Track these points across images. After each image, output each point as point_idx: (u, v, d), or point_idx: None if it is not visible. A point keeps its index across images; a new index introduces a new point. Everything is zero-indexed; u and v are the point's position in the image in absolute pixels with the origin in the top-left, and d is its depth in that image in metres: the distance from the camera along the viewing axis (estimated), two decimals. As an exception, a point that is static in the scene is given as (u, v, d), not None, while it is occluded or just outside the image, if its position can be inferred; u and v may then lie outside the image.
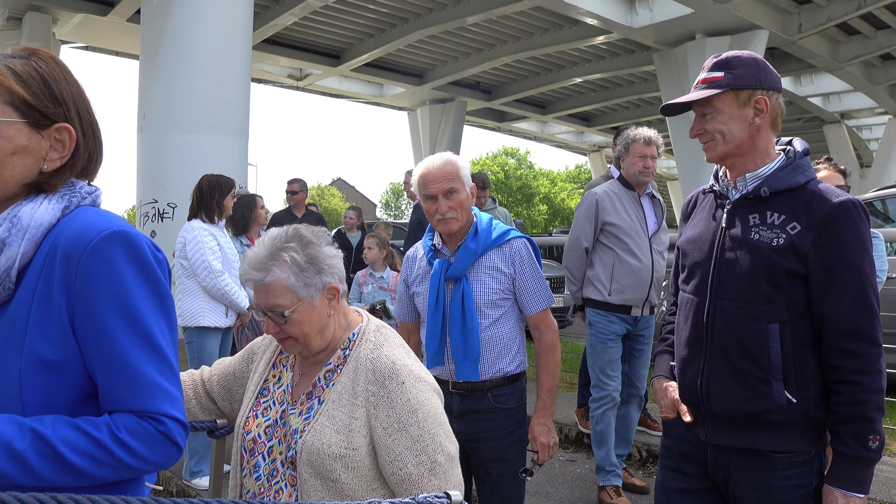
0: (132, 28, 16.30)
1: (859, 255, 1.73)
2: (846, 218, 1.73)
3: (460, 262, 2.51)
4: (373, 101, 25.72)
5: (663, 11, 15.64)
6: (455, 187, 2.48)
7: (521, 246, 2.57)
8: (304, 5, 15.73)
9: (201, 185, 4.55)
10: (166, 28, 9.25)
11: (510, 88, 23.80)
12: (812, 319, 1.78)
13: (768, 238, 1.79)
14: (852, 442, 1.71)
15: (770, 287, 1.78)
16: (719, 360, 1.85)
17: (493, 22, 17.45)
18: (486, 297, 2.52)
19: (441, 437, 1.64)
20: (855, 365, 1.72)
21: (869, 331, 1.73)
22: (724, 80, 1.84)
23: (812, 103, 23.04)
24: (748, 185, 1.87)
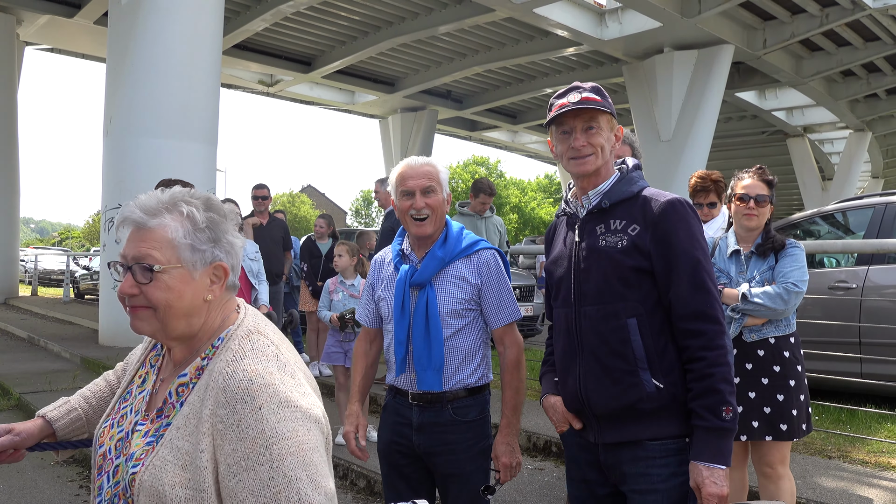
0: (99, 31, 16.07)
1: (690, 244, 1.92)
2: (674, 213, 1.94)
3: (426, 269, 2.44)
4: (344, 109, 25.65)
5: (632, 25, 15.88)
6: (433, 187, 2.44)
7: (489, 257, 2.50)
8: (275, 11, 15.66)
9: None
10: (134, 31, 9.14)
11: (481, 98, 23.92)
12: (664, 310, 1.94)
13: (613, 242, 1.97)
14: (707, 414, 1.84)
15: (621, 286, 1.95)
16: (591, 361, 2.00)
17: (464, 32, 17.55)
18: (450, 307, 2.44)
19: (303, 482, 1.25)
20: (700, 342, 1.88)
21: (707, 310, 1.89)
22: (604, 103, 2.02)
23: (776, 117, 23.54)
24: (592, 201, 2.06)
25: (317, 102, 24.98)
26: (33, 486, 4.69)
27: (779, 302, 2.99)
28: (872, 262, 5.62)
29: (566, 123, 2.03)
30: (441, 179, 2.48)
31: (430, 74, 21.13)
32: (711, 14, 14.48)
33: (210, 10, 9.42)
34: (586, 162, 2.02)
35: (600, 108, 2.00)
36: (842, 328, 5.33)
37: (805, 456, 4.42)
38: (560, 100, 2.06)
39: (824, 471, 4.20)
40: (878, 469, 4.21)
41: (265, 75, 21.96)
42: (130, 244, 1.40)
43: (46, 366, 8.59)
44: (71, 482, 4.77)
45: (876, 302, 5.47)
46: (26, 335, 11.27)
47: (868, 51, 17.41)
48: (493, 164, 52.84)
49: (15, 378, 7.66)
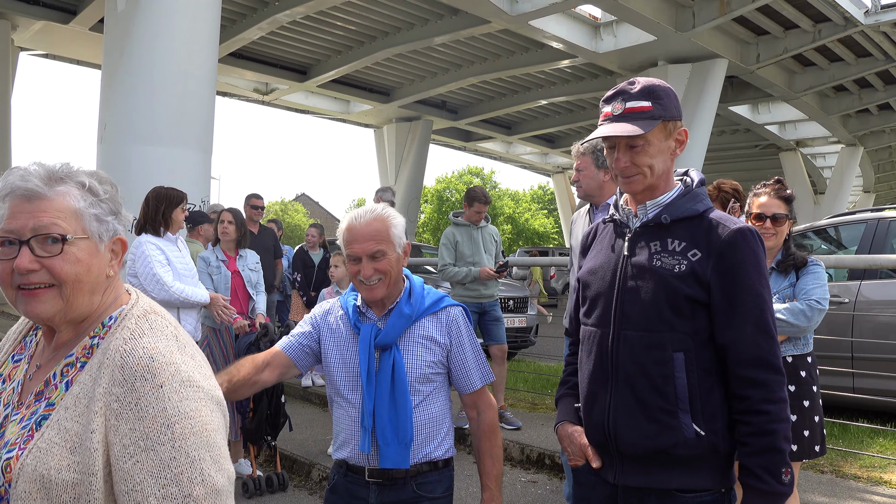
0: (94, 37, 16.05)
1: (758, 282, 1.71)
2: (745, 244, 1.71)
3: (392, 328, 2.16)
4: (339, 118, 25.67)
5: (627, 38, 15.98)
6: (382, 249, 2.11)
7: (458, 314, 2.26)
8: (271, 20, 15.69)
9: (148, 198, 4.50)
10: (130, 38, 9.13)
11: (476, 109, 23.99)
12: (715, 348, 1.73)
13: (670, 264, 1.74)
14: (765, 475, 1.64)
15: (673, 314, 1.72)
16: (625, 393, 1.77)
17: (460, 43, 17.62)
18: (419, 371, 2.16)
19: (207, 463, 1.19)
20: (761, 394, 1.67)
21: (772, 358, 1.69)
22: (656, 110, 1.75)
23: (769, 131, 23.69)
24: (649, 213, 1.82)
25: (312, 111, 25.01)
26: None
27: (802, 318, 2.94)
28: (865, 276, 5.65)
29: (609, 138, 1.79)
30: (393, 236, 2.14)
31: (425, 85, 21.19)
32: (705, 28, 14.59)
33: (206, 18, 9.43)
34: (633, 182, 1.79)
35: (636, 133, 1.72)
36: (834, 343, 5.34)
37: (798, 471, 4.42)
38: (605, 106, 1.81)
39: (817, 486, 4.20)
40: (871, 484, 4.22)
41: (260, 84, 21.98)
42: (23, 216, 1.23)
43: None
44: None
45: (868, 317, 5.50)
46: (16, 342, 11.17)
47: (860, 66, 17.57)
48: (488, 174, 52.92)
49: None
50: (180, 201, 4.53)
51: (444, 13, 16.09)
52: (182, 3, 9.16)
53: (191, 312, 4.48)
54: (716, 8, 14.13)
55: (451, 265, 5.79)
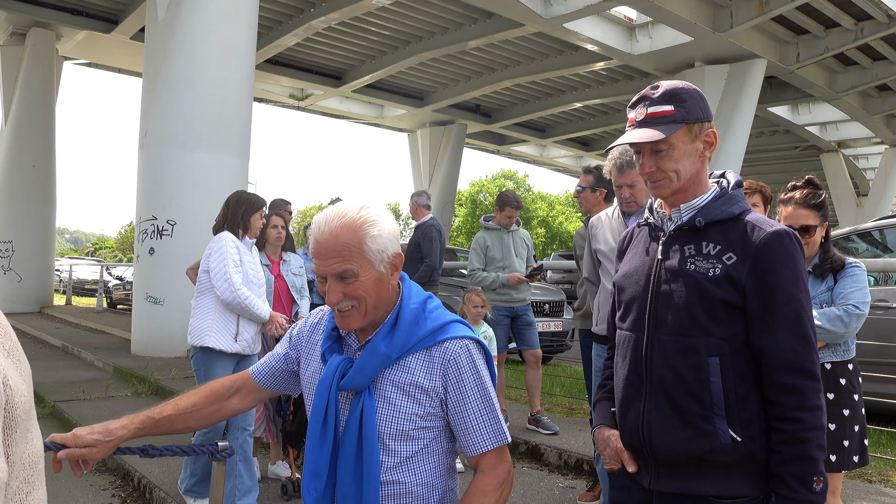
0: (135, 46, 16.42)
1: (794, 286, 1.68)
2: (781, 247, 1.68)
3: (362, 369, 1.67)
4: (373, 123, 25.85)
5: (663, 39, 15.82)
6: (352, 269, 1.63)
7: (458, 353, 1.69)
8: (307, 26, 15.87)
9: (229, 201, 4.41)
10: (170, 46, 9.31)
11: (510, 112, 23.95)
12: (751, 353, 1.70)
13: (704, 268, 1.72)
14: (796, 484, 1.60)
15: (708, 318, 1.70)
16: (660, 398, 1.75)
17: (494, 46, 17.61)
18: (394, 426, 1.67)
19: None
20: (796, 401, 1.63)
21: (808, 364, 1.65)
22: (678, 114, 1.74)
23: (809, 132, 23.22)
24: (683, 216, 1.80)
25: (346, 116, 25.21)
26: (66, 494, 4.75)
27: (839, 325, 2.83)
28: (912, 280, 5.49)
29: (634, 144, 1.78)
30: (369, 250, 1.64)
31: (459, 89, 21.23)
32: (744, 28, 14.37)
33: (243, 25, 9.58)
34: (660, 186, 1.78)
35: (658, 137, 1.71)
36: (882, 348, 5.21)
37: (844, 480, 4.31)
38: (630, 112, 1.80)
39: (864, 495, 4.09)
40: (920, 494, 4.09)
41: (296, 89, 22.24)
42: None
43: (80, 374, 8.72)
44: (104, 490, 4.82)
45: (916, 322, 5.34)
46: (60, 344, 11.46)
47: (904, 65, 17.14)
48: (522, 178, 52.79)
49: (49, 386, 7.78)
50: (260, 206, 4.45)
51: (478, 17, 16.11)
52: (220, 12, 9.32)
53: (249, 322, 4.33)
54: (754, 7, 13.91)
55: (481, 270, 5.78)
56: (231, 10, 9.38)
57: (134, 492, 4.76)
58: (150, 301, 9.48)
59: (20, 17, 16.39)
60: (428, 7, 15.66)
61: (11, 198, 17.39)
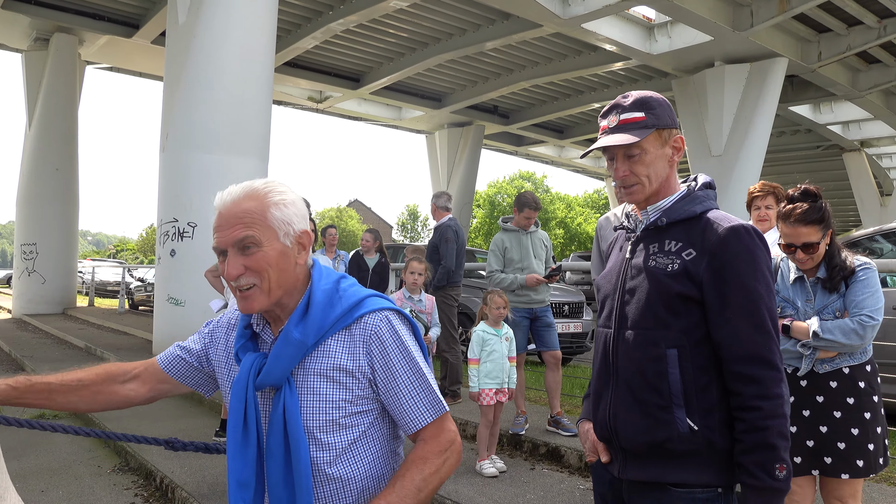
0: (156, 50, 16.60)
1: (752, 278, 1.72)
2: (737, 242, 1.73)
3: (277, 362, 1.54)
4: (391, 124, 25.93)
5: (682, 39, 15.72)
6: (253, 236, 1.53)
7: (380, 325, 1.58)
8: (325, 29, 15.95)
9: None
10: (191, 50, 9.40)
11: (528, 113, 23.91)
12: (712, 345, 1.75)
13: (663, 264, 1.79)
14: (759, 472, 1.65)
15: (666, 312, 1.76)
16: (623, 390, 1.83)
17: (511, 47, 17.60)
18: (322, 417, 1.55)
19: None
20: (754, 390, 1.68)
21: (766, 354, 1.69)
22: (649, 120, 1.82)
23: (832, 131, 22.95)
24: (650, 217, 1.88)
25: (364, 118, 25.30)
26: (90, 493, 4.80)
27: (854, 337, 2.76)
28: (938, 281, 5.41)
29: (608, 150, 1.87)
30: (273, 219, 1.55)
31: (476, 90, 21.23)
32: (764, 27, 14.24)
33: (263, 29, 9.65)
34: (633, 192, 1.86)
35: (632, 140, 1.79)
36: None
37: (870, 483, 4.25)
38: (602, 121, 1.89)
39: (891, 499, 4.03)
40: (947, 498, 4.03)
41: (314, 92, 22.35)
42: None
43: (102, 375, 8.81)
44: (126, 490, 4.87)
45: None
46: (84, 345, 11.60)
47: (929, 63, 16.89)
48: (540, 178, 52.70)
49: (73, 387, 7.86)
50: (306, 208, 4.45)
51: (496, 18, 16.10)
52: (240, 16, 9.39)
53: None
54: (775, 6, 13.78)
55: (499, 272, 5.78)
56: (251, 13, 9.45)
57: (156, 491, 4.81)
58: (171, 302, 9.57)
59: (43, 22, 16.62)
60: (445, 9, 15.68)
61: (36, 200, 17.63)
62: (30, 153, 17.76)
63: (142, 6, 16.14)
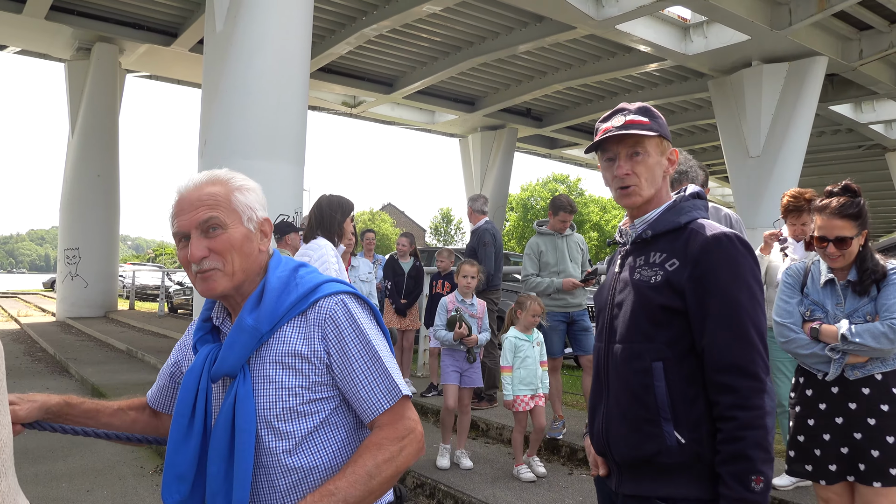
0: (194, 58, 16.90)
1: (734, 286, 1.69)
2: (719, 249, 1.71)
3: (231, 350, 1.51)
4: (424, 128, 25.99)
5: (718, 38, 15.51)
6: (217, 217, 1.52)
7: (335, 308, 1.54)
8: (359, 34, 16.07)
9: (321, 205, 4.12)
10: (228, 57, 9.54)
11: (561, 115, 23.80)
12: (698, 356, 1.73)
13: (647, 276, 1.79)
14: (734, 483, 1.61)
15: (649, 325, 1.75)
16: (614, 404, 1.83)
17: (544, 50, 17.54)
18: (279, 405, 1.50)
19: None
20: (731, 399, 1.65)
21: (746, 364, 1.65)
22: (652, 125, 1.83)
23: (873, 130, 22.43)
24: (637, 230, 1.88)
25: (398, 122, 25.43)
26: (133, 493, 4.90)
27: (884, 341, 2.70)
28: None
29: (610, 149, 1.87)
30: (237, 202, 1.56)
31: (509, 93, 21.20)
32: (803, 25, 13.98)
33: (298, 35, 9.75)
34: (630, 193, 1.84)
35: (646, 133, 1.80)
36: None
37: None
38: (604, 124, 1.90)
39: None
40: None
41: (348, 97, 22.53)
42: None
43: (144, 377, 8.98)
44: (168, 491, 4.96)
45: None
46: (125, 347, 11.84)
47: (976, 59, 16.42)
48: (574, 181, 52.39)
49: (115, 388, 8.04)
50: (351, 210, 4.20)
51: (529, 21, 16.07)
52: (276, 23, 9.51)
53: None
54: (814, 4, 13.52)
55: (535, 276, 5.76)
56: (287, 20, 9.56)
57: (197, 492, 4.88)
58: (209, 306, 9.71)
59: (85, 32, 17.03)
60: (478, 12, 15.69)
61: (78, 206, 18.06)
62: (72, 160, 18.20)
63: (180, 15, 16.44)
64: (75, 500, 4.80)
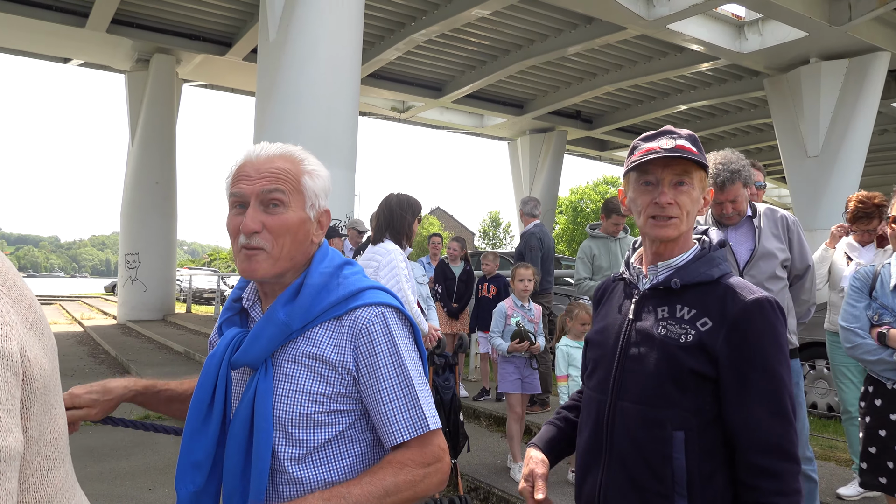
0: (247, 66, 17.27)
1: (776, 360, 1.55)
2: (762, 317, 1.56)
3: (256, 341, 1.43)
4: (473, 132, 26.03)
5: (774, 35, 15.15)
6: (282, 190, 1.45)
7: (373, 321, 1.45)
8: (408, 40, 16.20)
9: (390, 205, 3.96)
10: (281, 65, 9.73)
11: (611, 117, 23.55)
12: (721, 428, 1.58)
13: (676, 333, 1.60)
14: None
15: (675, 388, 1.58)
16: (618, 469, 1.64)
17: (594, 51, 17.39)
18: (296, 409, 1.41)
19: None
20: (774, 485, 1.50)
21: (787, 445, 1.52)
22: (699, 156, 1.64)
23: (940, 128, 21.60)
24: (659, 275, 1.70)
25: (446, 126, 25.51)
26: (193, 493, 5.02)
27: None
28: None
29: (652, 172, 1.66)
30: (305, 186, 1.48)
31: (559, 95, 21.07)
32: (863, 20, 13.55)
33: (349, 42, 9.89)
34: (669, 225, 1.65)
35: (697, 161, 1.63)
36: None
37: None
38: (648, 143, 1.69)
39: None
40: None
41: (397, 102, 22.71)
42: None
43: (201, 379, 9.20)
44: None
45: None
46: (183, 350, 12.15)
47: None
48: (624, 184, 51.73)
49: (174, 390, 8.24)
50: (419, 210, 4.06)
51: (578, 22, 15.96)
52: (328, 31, 9.66)
53: None
54: (875, -2, 13.11)
55: (587, 279, 5.71)
56: (338, 28, 9.71)
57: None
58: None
59: (145, 44, 17.56)
60: (527, 15, 15.64)
61: (138, 212, 18.62)
62: (132, 168, 18.77)
63: (234, 25, 16.83)
64: (138, 497, 4.95)
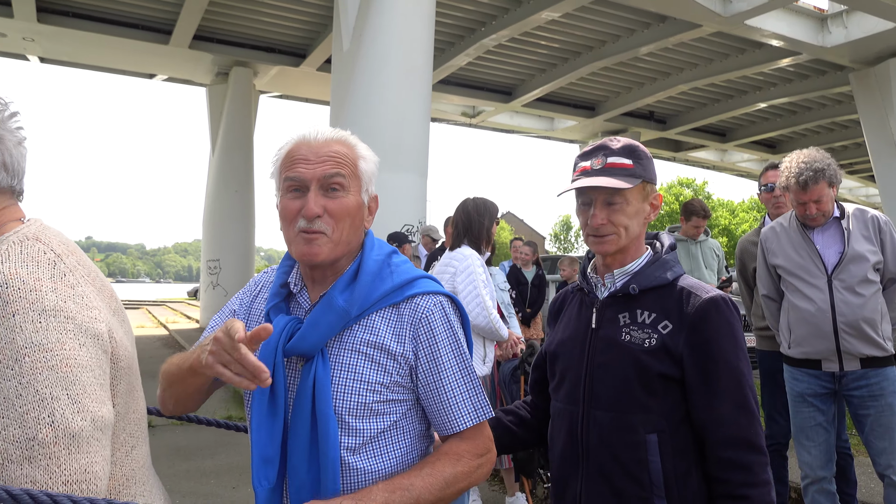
0: (320, 76, 17.67)
1: (734, 355, 1.60)
2: (717, 314, 1.61)
3: (315, 327, 1.39)
4: (543, 135, 25.89)
5: (860, 28, 14.50)
6: (342, 175, 1.42)
7: (433, 309, 1.45)
8: (478, 45, 16.25)
9: (467, 209, 3.89)
10: (354, 74, 9.92)
11: (686, 117, 23.00)
12: (691, 427, 1.62)
13: (640, 339, 1.64)
14: None
15: (645, 393, 1.62)
16: (597, 480, 1.66)
17: (668, 50, 17.03)
18: (355, 399, 1.39)
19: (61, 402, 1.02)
20: (742, 477, 1.55)
21: (753, 437, 1.57)
22: (636, 169, 1.68)
23: None
24: (617, 283, 1.73)
25: (517, 130, 25.45)
26: (274, 492, 5.16)
27: None
28: None
29: (586, 193, 1.71)
30: (362, 171, 1.47)
31: (631, 96, 20.73)
32: (959, 8, 12.83)
33: (421, 50, 10.00)
34: (605, 242, 1.69)
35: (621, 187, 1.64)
36: None
37: None
38: (583, 161, 1.73)
39: None
40: None
41: (468, 107, 22.80)
42: None
43: (279, 382, 9.44)
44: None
45: None
46: (261, 353, 12.49)
47: None
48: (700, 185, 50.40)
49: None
50: (497, 213, 3.99)
51: (651, 21, 15.67)
52: (400, 39, 9.79)
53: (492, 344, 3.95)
54: (972, -16, 12.38)
55: None
56: (410, 35, 9.84)
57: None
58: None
59: (224, 58, 18.20)
60: (598, 16, 15.46)
61: (219, 220, 19.29)
62: (213, 177, 19.46)
63: (308, 37, 17.25)
64: (222, 495, 5.12)
